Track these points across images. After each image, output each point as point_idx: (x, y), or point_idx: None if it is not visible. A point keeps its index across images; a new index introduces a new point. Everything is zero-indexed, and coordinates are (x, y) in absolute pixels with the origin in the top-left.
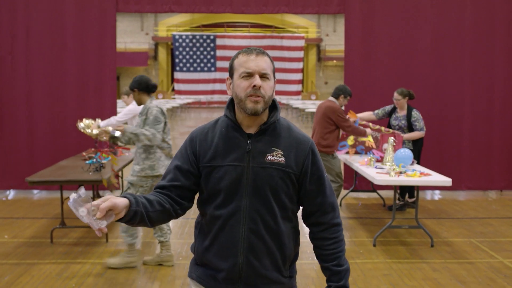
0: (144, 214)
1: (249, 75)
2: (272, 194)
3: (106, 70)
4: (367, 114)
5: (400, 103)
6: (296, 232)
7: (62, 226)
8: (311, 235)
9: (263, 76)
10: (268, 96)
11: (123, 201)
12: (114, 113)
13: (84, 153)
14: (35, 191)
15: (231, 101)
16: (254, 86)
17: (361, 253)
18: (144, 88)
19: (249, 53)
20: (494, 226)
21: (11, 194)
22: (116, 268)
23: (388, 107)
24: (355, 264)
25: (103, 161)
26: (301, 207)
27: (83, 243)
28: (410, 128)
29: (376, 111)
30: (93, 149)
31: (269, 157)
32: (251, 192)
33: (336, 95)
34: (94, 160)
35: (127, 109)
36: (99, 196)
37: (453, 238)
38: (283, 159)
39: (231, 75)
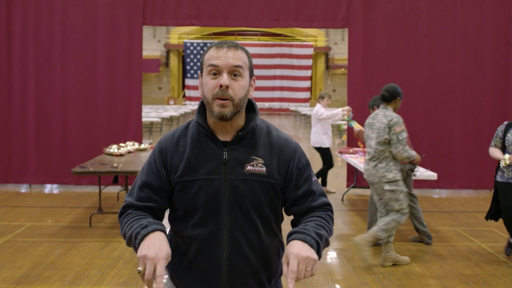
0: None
1: (217, 71)
2: (255, 209)
3: (133, 76)
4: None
5: None
6: (282, 246)
7: (99, 212)
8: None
9: (233, 73)
10: (238, 98)
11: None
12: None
13: (106, 149)
14: (67, 186)
15: (203, 103)
16: (221, 86)
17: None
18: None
19: (220, 46)
20: (478, 218)
21: (47, 188)
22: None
23: (499, 130)
24: (351, 244)
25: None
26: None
27: (117, 227)
28: None
29: (493, 143)
30: (120, 143)
31: (249, 167)
32: (231, 208)
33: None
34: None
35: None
36: (127, 189)
37: (440, 227)
38: (264, 168)
39: (202, 72)
